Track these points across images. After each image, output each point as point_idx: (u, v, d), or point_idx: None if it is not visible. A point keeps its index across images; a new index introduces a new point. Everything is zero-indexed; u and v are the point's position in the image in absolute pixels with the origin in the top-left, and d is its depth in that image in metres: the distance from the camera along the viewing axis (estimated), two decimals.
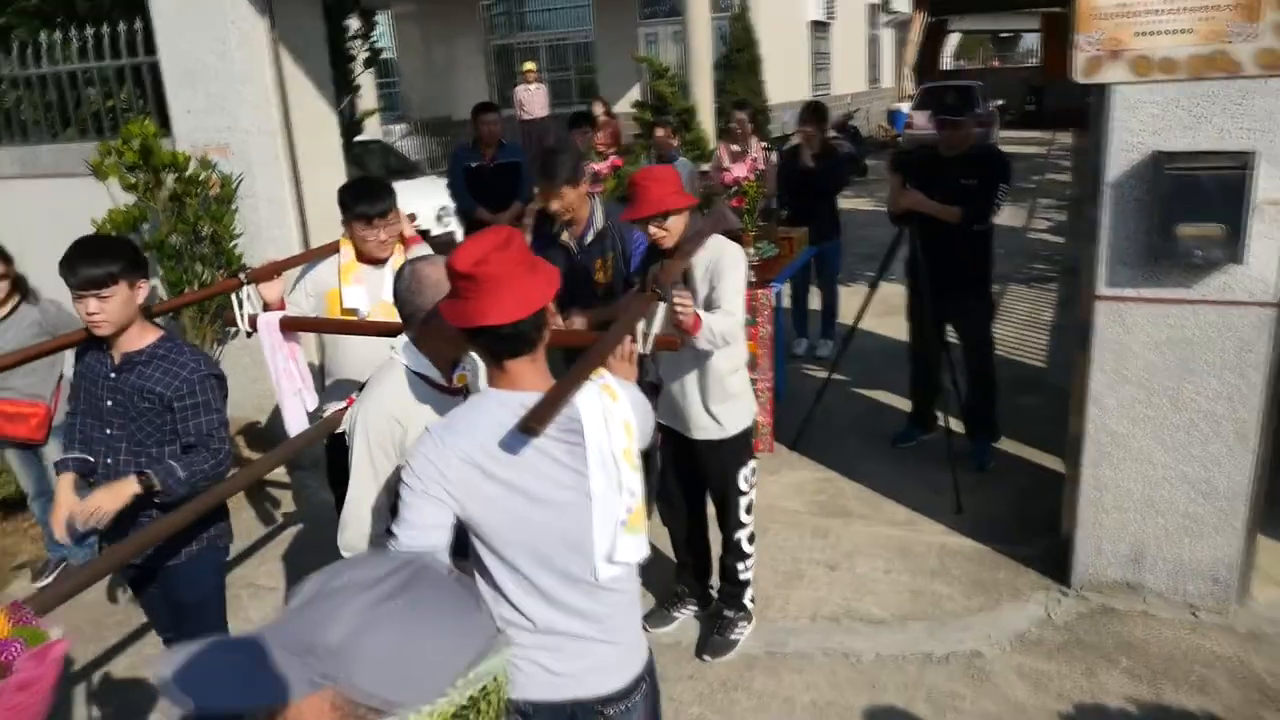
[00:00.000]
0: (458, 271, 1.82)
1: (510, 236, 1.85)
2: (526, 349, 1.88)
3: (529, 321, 1.84)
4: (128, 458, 2.77)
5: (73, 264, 2.57)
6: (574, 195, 3.72)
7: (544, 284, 1.88)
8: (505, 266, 1.81)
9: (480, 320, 1.80)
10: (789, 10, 16.29)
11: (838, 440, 5.24)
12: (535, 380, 1.90)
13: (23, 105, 5.68)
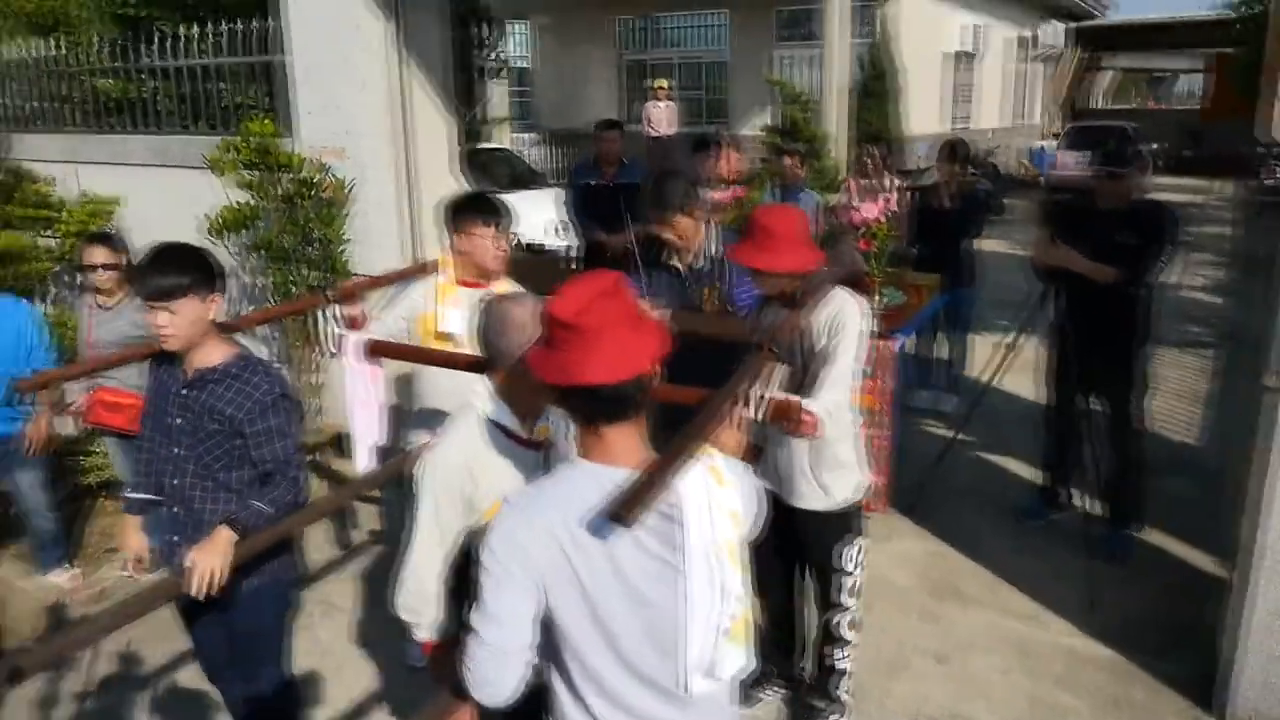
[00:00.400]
0: (558, 319, 1.58)
1: (618, 283, 1.60)
2: (627, 415, 1.62)
3: (633, 384, 1.58)
4: (194, 479, 2.62)
5: (143, 273, 2.45)
6: (688, 223, 3.49)
7: (652, 341, 1.62)
8: (610, 317, 1.57)
9: (579, 377, 1.56)
10: (933, 40, 15.68)
11: (956, 509, 4.79)
12: (633, 452, 1.64)
13: (159, 96, 5.76)
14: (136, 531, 2.86)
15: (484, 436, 2.12)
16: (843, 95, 12.09)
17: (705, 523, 1.63)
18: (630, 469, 1.61)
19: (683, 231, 3.50)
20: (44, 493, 4.63)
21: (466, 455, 2.09)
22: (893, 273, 4.81)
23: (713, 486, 1.65)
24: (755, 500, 1.81)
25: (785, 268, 2.74)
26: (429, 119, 5.13)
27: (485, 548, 1.64)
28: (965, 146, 6.03)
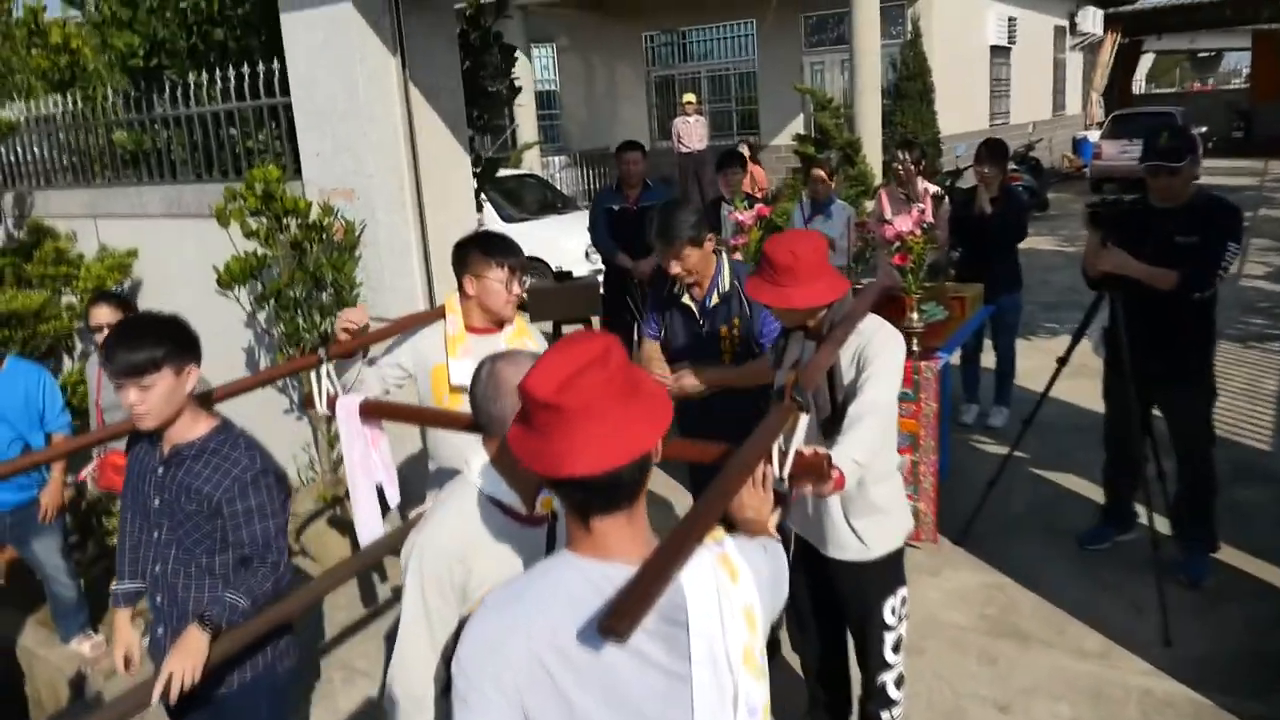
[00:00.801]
0: (534, 398, 1.35)
1: (608, 350, 1.36)
2: (620, 504, 1.39)
3: (628, 470, 1.35)
4: (176, 566, 2.44)
5: (111, 349, 2.26)
6: (697, 256, 3.25)
7: (650, 419, 1.38)
8: (599, 395, 1.33)
9: (561, 469, 1.33)
10: (966, 35, 15.30)
11: (1013, 536, 4.48)
12: (630, 545, 1.41)
13: (172, 145, 5.69)
14: (126, 626, 2.67)
15: (478, 514, 1.90)
16: (875, 99, 11.86)
17: (715, 624, 1.39)
18: (627, 564, 1.38)
19: (692, 265, 3.28)
20: (63, 559, 4.53)
21: (458, 537, 1.88)
22: (932, 287, 4.53)
23: (724, 580, 1.42)
24: (775, 586, 1.59)
25: (799, 304, 2.49)
26: (441, 153, 4.97)
27: (455, 662, 1.42)
28: (1004, 145, 5.72)
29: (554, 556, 1.49)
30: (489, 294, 2.91)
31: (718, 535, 1.48)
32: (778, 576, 1.61)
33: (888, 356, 2.52)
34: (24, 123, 6.52)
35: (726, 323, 3.35)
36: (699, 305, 3.41)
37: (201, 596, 2.43)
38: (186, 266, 5.53)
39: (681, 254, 3.20)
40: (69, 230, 6.30)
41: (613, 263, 6.00)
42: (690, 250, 3.21)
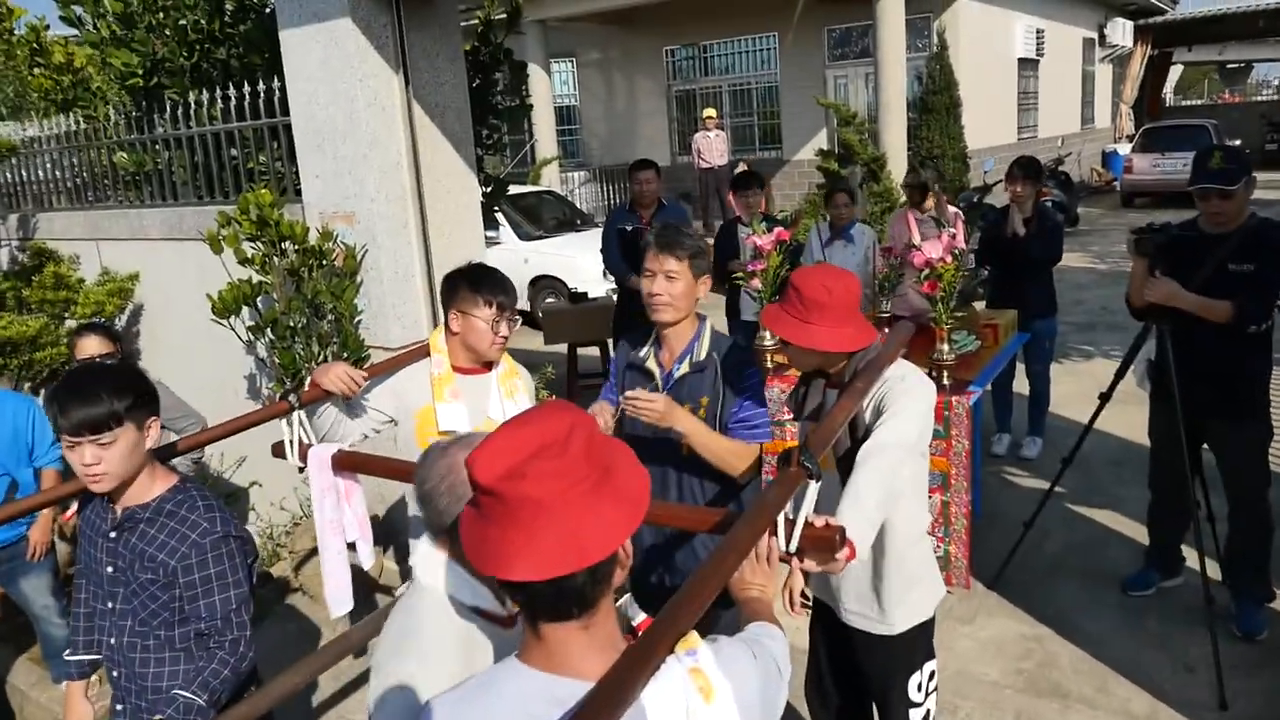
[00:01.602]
0: (475, 481, 1.14)
1: (570, 433, 1.14)
2: (575, 611, 1.18)
3: (582, 575, 1.14)
4: (132, 639, 2.21)
5: (64, 403, 2.01)
6: (684, 286, 2.52)
7: (616, 516, 1.16)
8: (551, 487, 1.12)
9: (498, 569, 1.13)
10: (993, 47, 15.02)
11: (1050, 580, 4.19)
12: (584, 657, 1.19)
13: (173, 166, 5.54)
14: (80, 700, 2.44)
15: (450, 630, 1.60)
16: (900, 113, 11.60)
17: None
18: (580, 680, 1.17)
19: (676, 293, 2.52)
20: (53, 598, 4.35)
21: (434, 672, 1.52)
22: (963, 316, 4.27)
23: (695, 704, 1.19)
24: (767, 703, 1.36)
25: (823, 345, 2.25)
26: (447, 174, 4.77)
27: None
28: (1037, 163, 5.44)
29: (502, 664, 1.27)
30: (474, 333, 2.69)
31: (691, 642, 1.25)
32: (768, 690, 1.37)
33: (909, 400, 2.25)
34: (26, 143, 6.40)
35: (693, 400, 2.55)
36: (664, 374, 2.62)
37: (162, 670, 2.21)
38: (188, 291, 5.36)
39: (668, 268, 2.51)
40: (72, 254, 6.16)
41: (625, 284, 5.79)
42: (679, 270, 2.51)
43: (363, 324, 4.53)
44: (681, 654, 1.23)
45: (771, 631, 1.54)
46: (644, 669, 1.17)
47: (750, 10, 14.89)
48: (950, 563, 3.98)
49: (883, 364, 2.26)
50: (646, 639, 1.22)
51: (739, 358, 2.59)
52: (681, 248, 2.52)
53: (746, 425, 2.50)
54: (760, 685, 1.34)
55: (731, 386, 2.53)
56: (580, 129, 18.09)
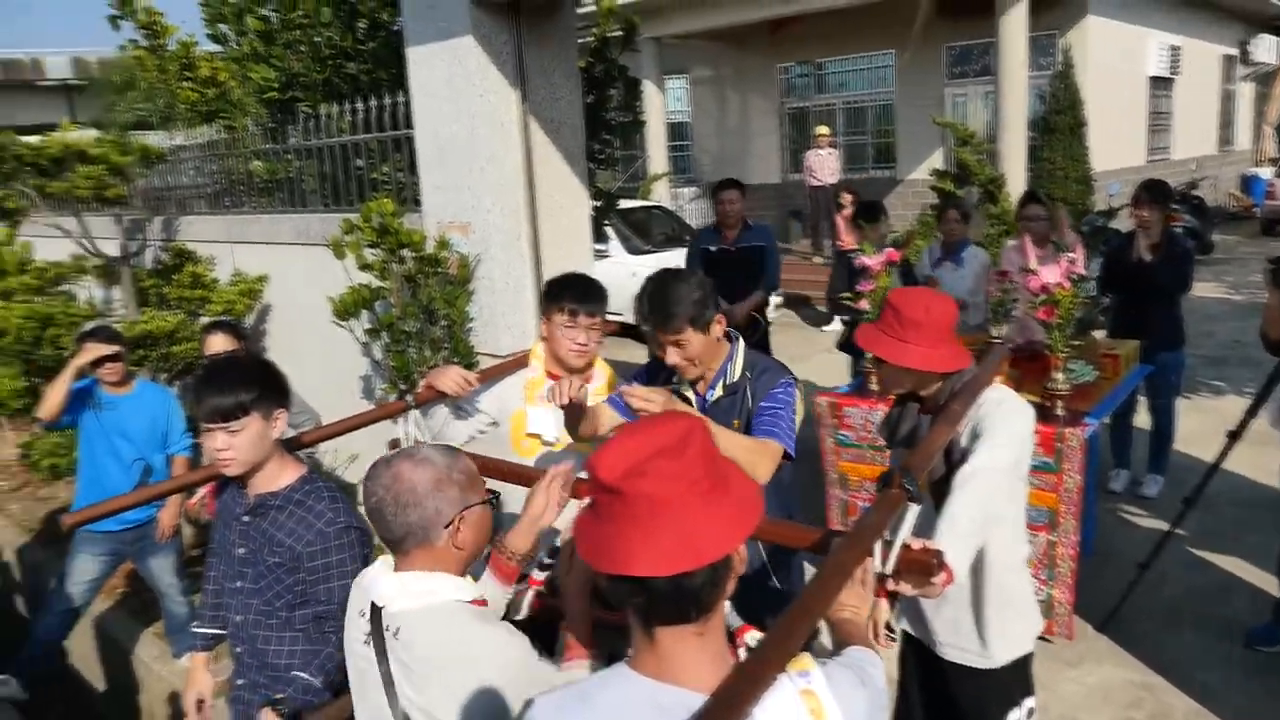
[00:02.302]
0: (598, 479, 1.18)
1: (688, 436, 1.18)
2: (689, 616, 1.20)
3: (701, 576, 1.17)
4: (257, 617, 2.35)
5: (199, 392, 2.19)
6: (700, 343, 2.49)
7: (733, 519, 1.19)
8: (672, 484, 1.16)
9: (620, 566, 1.16)
10: (1124, 65, 14.45)
11: (1167, 627, 4.00)
12: (698, 666, 1.21)
13: (303, 175, 5.82)
14: (203, 670, 2.64)
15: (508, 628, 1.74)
16: (1020, 133, 11.27)
17: None
18: (694, 691, 1.18)
19: (694, 353, 2.51)
20: (177, 577, 4.62)
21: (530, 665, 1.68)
22: (1080, 344, 4.13)
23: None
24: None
25: (917, 364, 2.22)
26: (560, 188, 4.88)
27: None
28: (1165, 186, 5.22)
29: (611, 670, 1.29)
30: (553, 338, 2.79)
31: (804, 664, 1.25)
32: (877, 712, 1.36)
33: (1007, 424, 2.20)
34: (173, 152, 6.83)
35: (727, 423, 2.52)
36: (699, 399, 2.63)
37: (282, 649, 2.34)
38: (312, 294, 5.62)
39: (680, 338, 2.46)
40: (209, 255, 6.53)
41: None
42: (691, 334, 2.46)
43: (473, 331, 4.66)
44: (794, 674, 1.24)
45: (871, 657, 1.53)
46: (758, 685, 1.17)
47: (867, 28, 14.72)
48: (1053, 609, 3.82)
49: (979, 388, 2.22)
50: (758, 656, 1.23)
51: (771, 375, 2.57)
52: (674, 319, 2.46)
53: (762, 425, 2.46)
54: (868, 710, 1.33)
55: (758, 398, 2.52)
56: (692, 145, 18.17)
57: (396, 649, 1.69)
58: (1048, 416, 3.81)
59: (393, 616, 1.70)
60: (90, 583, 4.49)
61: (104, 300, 7.08)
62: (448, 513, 1.72)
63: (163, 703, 4.82)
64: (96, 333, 4.30)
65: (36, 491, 7.31)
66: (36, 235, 7.11)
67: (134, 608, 5.37)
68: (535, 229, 4.74)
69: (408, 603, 1.70)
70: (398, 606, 1.70)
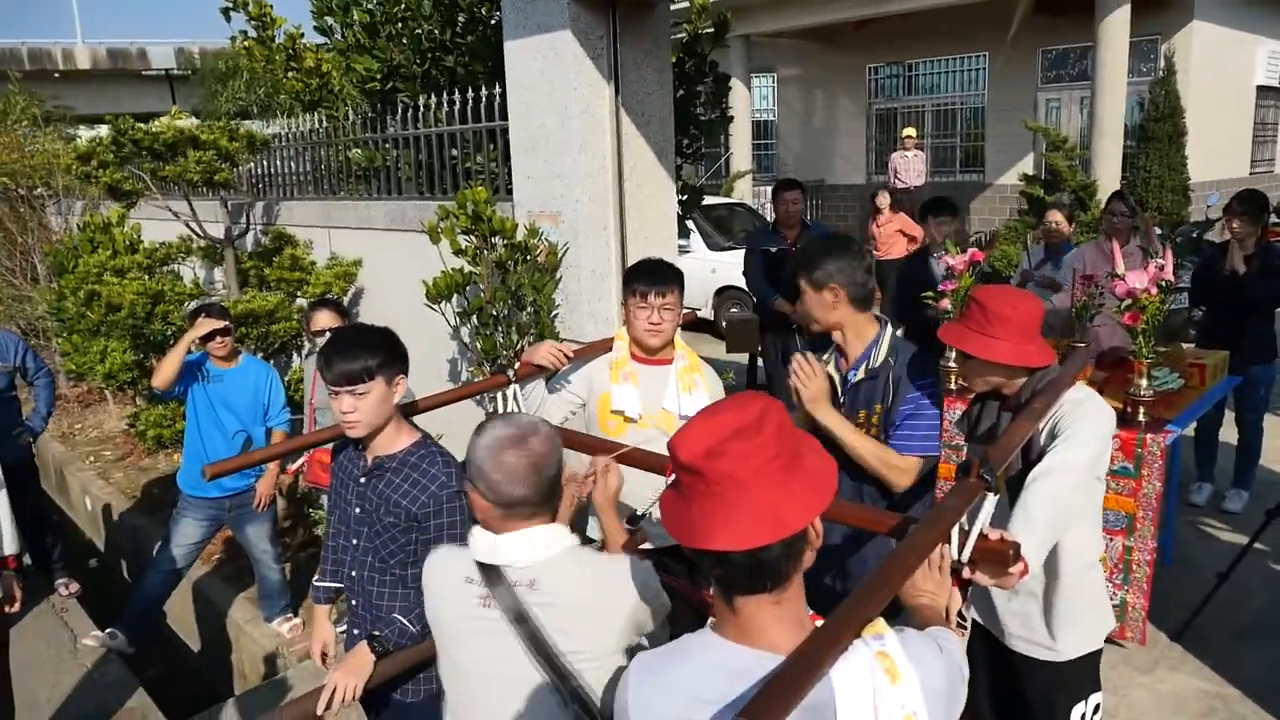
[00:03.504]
0: (679, 460, 1.27)
1: (764, 416, 1.26)
2: (765, 587, 1.28)
3: (777, 549, 1.25)
4: (372, 573, 2.50)
5: (329, 358, 2.33)
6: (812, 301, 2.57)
7: (807, 496, 1.27)
8: (749, 463, 1.24)
9: (702, 541, 1.25)
10: (1229, 73, 13.97)
11: (1246, 640, 3.94)
12: (776, 630, 1.29)
13: (400, 163, 6.04)
14: (325, 621, 2.80)
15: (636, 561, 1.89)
16: (1116, 140, 11.02)
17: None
18: (773, 653, 1.27)
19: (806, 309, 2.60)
20: (271, 544, 4.86)
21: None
22: (1166, 351, 4.08)
23: (881, 684, 1.26)
24: (951, 697, 1.39)
25: (1005, 358, 2.26)
26: (647, 181, 4.99)
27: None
28: (1261, 197, 5.10)
29: (696, 634, 1.38)
30: (630, 321, 2.94)
31: (879, 628, 1.32)
32: (953, 683, 1.41)
33: (1086, 424, 2.22)
34: (275, 139, 7.14)
35: (868, 406, 2.57)
36: (841, 379, 2.65)
37: (395, 605, 2.48)
38: (404, 278, 5.83)
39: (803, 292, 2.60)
40: (306, 239, 6.81)
41: (767, 306, 5.81)
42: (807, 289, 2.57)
43: (559, 317, 4.81)
44: (869, 638, 1.30)
45: (949, 634, 1.57)
46: (833, 646, 1.25)
47: (960, 30, 14.51)
48: (1127, 613, 3.79)
49: (1061, 386, 2.25)
50: (835, 620, 1.30)
51: (917, 365, 2.56)
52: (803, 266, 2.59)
53: (905, 434, 2.49)
54: (945, 677, 1.37)
55: (900, 392, 2.51)
56: (776, 144, 18.13)
57: (535, 600, 1.81)
58: (1129, 422, 3.79)
59: (523, 571, 1.83)
60: (192, 545, 4.76)
61: (207, 280, 7.43)
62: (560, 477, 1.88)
63: (254, 663, 5.07)
64: (209, 309, 4.56)
65: (139, 461, 7.72)
66: (145, 217, 7.50)
67: (229, 574, 5.67)
68: (622, 220, 4.86)
69: (538, 555, 1.83)
70: (528, 559, 1.82)
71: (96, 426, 8.92)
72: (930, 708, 1.29)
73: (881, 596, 1.40)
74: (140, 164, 6.48)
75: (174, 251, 6.67)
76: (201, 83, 19.63)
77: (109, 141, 6.35)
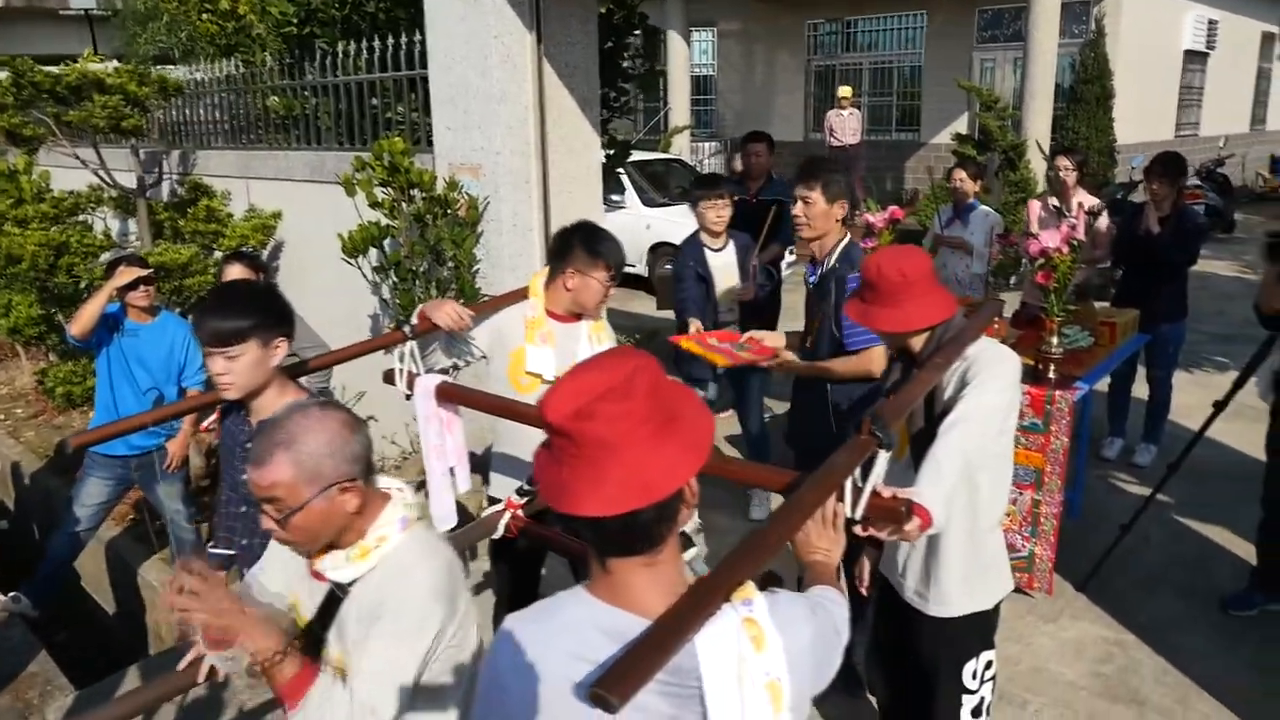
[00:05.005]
0: (547, 422, 1.22)
1: (635, 375, 1.21)
2: (638, 549, 1.25)
3: (650, 512, 1.21)
4: (263, 540, 2.43)
5: (201, 317, 2.23)
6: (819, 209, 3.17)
7: (680, 456, 1.23)
8: (618, 425, 1.19)
9: (571, 506, 1.21)
10: (1158, 37, 14.20)
11: (1147, 590, 4.07)
12: (648, 593, 1.27)
13: (319, 113, 5.85)
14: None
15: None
16: (1046, 101, 11.13)
17: (733, 700, 1.23)
18: (643, 616, 1.24)
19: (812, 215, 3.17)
20: (183, 504, 4.74)
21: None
22: (1077, 309, 4.15)
23: (746, 651, 1.24)
24: (820, 662, 1.38)
25: (913, 325, 2.26)
26: (571, 134, 4.91)
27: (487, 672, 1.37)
28: (1179, 160, 5.19)
29: (569, 592, 1.36)
30: (588, 291, 2.86)
31: (748, 592, 1.31)
32: (823, 648, 1.41)
33: (990, 375, 2.21)
34: (191, 85, 6.86)
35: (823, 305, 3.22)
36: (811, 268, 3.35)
37: None
38: (324, 231, 5.68)
39: (805, 195, 3.16)
40: (224, 189, 6.59)
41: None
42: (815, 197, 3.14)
43: (480, 273, 4.73)
44: (738, 603, 1.28)
45: (833, 595, 1.57)
46: (701, 612, 1.22)
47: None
48: (1034, 564, 3.89)
49: (966, 341, 2.25)
50: (705, 584, 1.28)
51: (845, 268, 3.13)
52: (814, 177, 3.14)
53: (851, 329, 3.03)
54: (812, 642, 1.36)
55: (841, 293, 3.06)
56: (715, 100, 18.02)
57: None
58: (1039, 379, 3.86)
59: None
60: (98, 506, 4.61)
61: (120, 232, 7.17)
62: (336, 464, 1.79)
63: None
64: (129, 259, 4.38)
65: (52, 419, 7.46)
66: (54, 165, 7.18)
67: (143, 534, 5.53)
68: (545, 172, 4.79)
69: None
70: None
71: (8, 383, 8.59)
72: (794, 673, 1.28)
73: (755, 559, 1.38)
74: (43, 108, 6.18)
75: (84, 201, 6.40)
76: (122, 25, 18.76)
77: (9, 84, 6.04)
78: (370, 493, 1.74)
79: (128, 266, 4.23)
